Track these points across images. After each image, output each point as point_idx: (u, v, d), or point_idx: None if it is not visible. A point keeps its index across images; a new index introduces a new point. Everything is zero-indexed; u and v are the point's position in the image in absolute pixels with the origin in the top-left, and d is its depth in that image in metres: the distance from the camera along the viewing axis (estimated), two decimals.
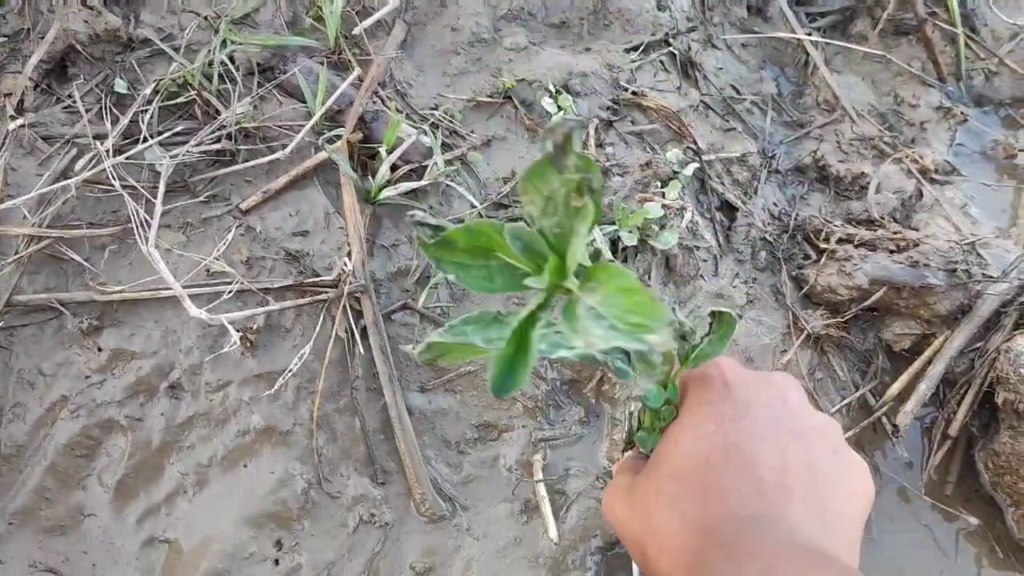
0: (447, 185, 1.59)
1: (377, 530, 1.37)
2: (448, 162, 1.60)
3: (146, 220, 1.37)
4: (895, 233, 1.72)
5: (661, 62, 1.94)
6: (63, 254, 1.39)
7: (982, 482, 1.58)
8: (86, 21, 1.51)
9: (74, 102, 1.49)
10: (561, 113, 1.71)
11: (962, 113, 2.09)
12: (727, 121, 1.93)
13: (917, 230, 1.80)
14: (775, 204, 1.86)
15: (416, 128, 1.59)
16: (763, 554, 0.52)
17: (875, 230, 1.75)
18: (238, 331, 1.33)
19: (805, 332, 1.65)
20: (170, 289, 1.33)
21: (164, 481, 1.34)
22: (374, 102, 1.62)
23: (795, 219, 1.82)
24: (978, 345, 1.62)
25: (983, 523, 1.54)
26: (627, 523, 0.64)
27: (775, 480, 0.58)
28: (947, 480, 1.59)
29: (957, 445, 1.61)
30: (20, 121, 1.44)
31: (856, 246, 1.71)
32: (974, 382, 1.59)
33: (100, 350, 1.36)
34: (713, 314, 0.67)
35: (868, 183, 1.89)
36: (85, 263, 1.39)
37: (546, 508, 1.40)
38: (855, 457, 0.64)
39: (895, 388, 1.62)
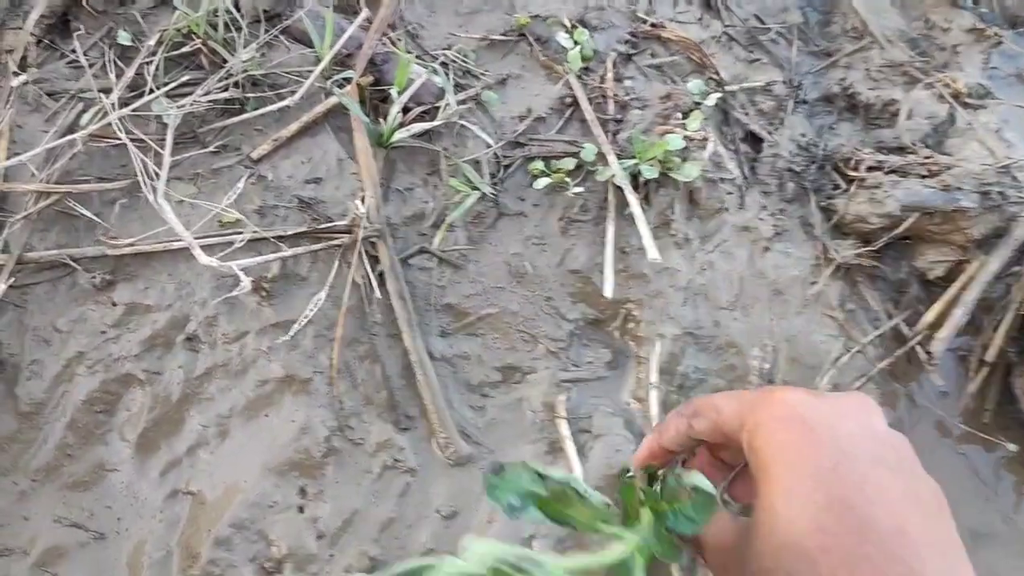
0: (461, 125, 1.55)
1: (401, 475, 1.35)
2: (462, 102, 1.56)
3: (155, 172, 1.35)
4: (926, 158, 1.66)
5: None
6: (73, 210, 1.37)
7: (1021, 408, 1.53)
8: None
9: (77, 56, 1.46)
10: (577, 48, 1.66)
11: (996, 35, 2.01)
12: (751, 52, 1.87)
13: (950, 155, 1.73)
14: (803, 135, 1.80)
15: (427, 68, 1.55)
16: None
17: (906, 157, 1.69)
18: (252, 280, 1.31)
19: (835, 262, 1.61)
20: (181, 241, 1.31)
21: (185, 433, 1.33)
22: (384, 44, 1.58)
23: (824, 149, 1.76)
24: (1015, 269, 1.56)
25: (1023, 449, 1.50)
26: None
27: (895, 530, 0.52)
28: (984, 408, 1.54)
29: (994, 372, 1.56)
30: (24, 77, 1.42)
31: (887, 173, 1.65)
32: (1011, 306, 1.54)
33: (114, 304, 1.35)
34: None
35: (899, 110, 1.83)
36: (95, 218, 1.37)
37: (570, 447, 1.38)
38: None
39: (929, 316, 1.57)
